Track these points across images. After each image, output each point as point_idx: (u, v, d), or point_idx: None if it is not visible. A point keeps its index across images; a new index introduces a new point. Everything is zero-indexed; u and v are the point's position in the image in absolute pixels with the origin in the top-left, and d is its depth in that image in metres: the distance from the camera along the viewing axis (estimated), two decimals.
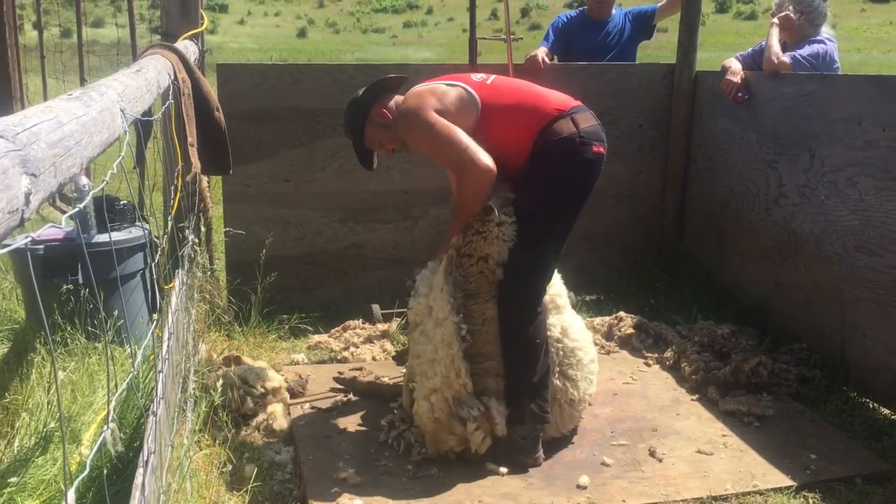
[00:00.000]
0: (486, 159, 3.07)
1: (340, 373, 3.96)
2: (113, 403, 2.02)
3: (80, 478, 1.16)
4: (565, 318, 3.46)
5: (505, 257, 3.19)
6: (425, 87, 3.35)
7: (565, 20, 5.54)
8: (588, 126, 3.22)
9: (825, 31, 4.58)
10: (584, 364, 3.42)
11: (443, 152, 3.22)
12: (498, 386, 3.25)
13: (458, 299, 3.19)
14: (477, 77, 3.38)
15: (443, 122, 3.16)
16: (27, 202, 0.93)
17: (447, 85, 3.31)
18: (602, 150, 3.24)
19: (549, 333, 3.32)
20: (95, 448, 1.19)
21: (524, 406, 3.21)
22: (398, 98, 3.42)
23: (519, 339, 3.21)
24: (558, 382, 3.33)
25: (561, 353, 3.37)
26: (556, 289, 3.49)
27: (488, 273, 3.22)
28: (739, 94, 4.59)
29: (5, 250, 0.90)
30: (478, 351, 3.23)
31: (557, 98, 3.31)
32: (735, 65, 4.70)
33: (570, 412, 3.39)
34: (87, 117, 1.34)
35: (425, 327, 3.25)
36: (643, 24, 5.48)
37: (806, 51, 4.44)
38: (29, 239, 0.98)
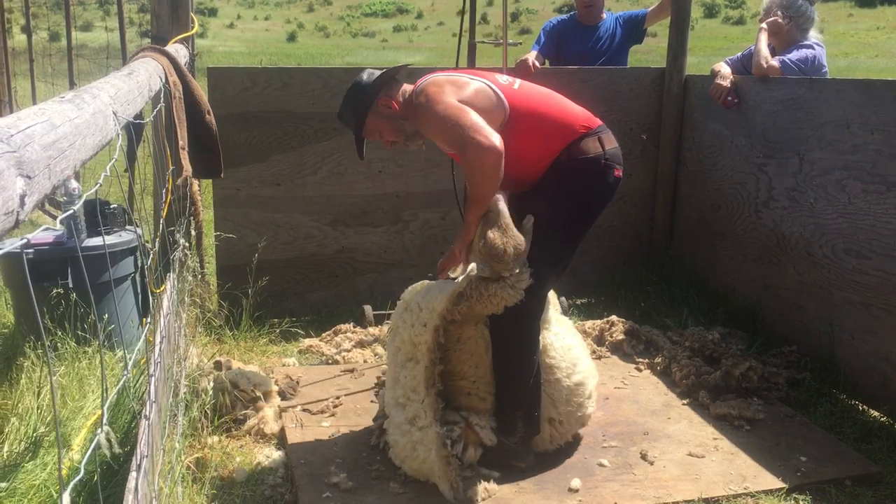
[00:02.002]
0: (491, 137, 2.85)
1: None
2: (105, 406, 2.00)
3: (74, 481, 1.15)
4: (545, 336, 3.31)
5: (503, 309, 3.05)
6: (445, 76, 3.16)
7: (556, 24, 5.56)
8: (612, 148, 3.16)
9: (813, 36, 4.61)
10: (562, 385, 3.28)
11: (449, 135, 2.97)
12: (470, 402, 3.20)
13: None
14: (503, 79, 3.22)
15: (453, 104, 2.96)
16: (22, 204, 0.92)
17: (469, 78, 3.15)
18: (621, 174, 3.18)
19: None
20: (90, 451, 1.19)
21: (516, 417, 3.18)
22: (405, 87, 3.21)
23: (512, 355, 3.13)
24: None
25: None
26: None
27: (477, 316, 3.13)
28: (729, 98, 4.62)
29: (1, 252, 0.90)
30: (451, 370, 3.16)
31: (583, 113, 3.21)
32: (724, 69, 4.73)
33: (549, 431, 3.29)
34: (81, 119, 1.34)
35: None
36: (634, 29, 5.50)
37: (795, 55, 4.47)
38: (25, 241, 0.97)
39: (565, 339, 3.37)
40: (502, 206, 2.99)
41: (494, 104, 3.07)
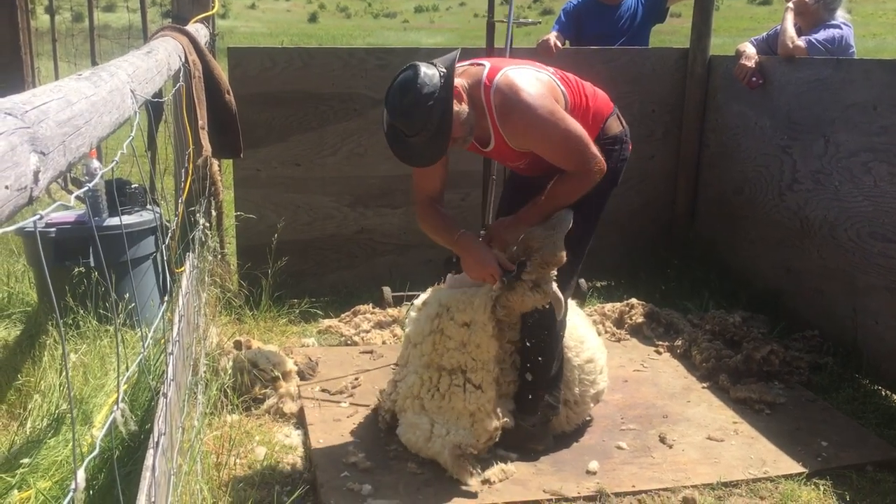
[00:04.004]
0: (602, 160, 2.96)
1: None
2: (123, 385, 2.02)
3: (90, 458, 1.16)
4: None
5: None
6: (524, 71, 3.00)
7: (577, 4, 5.49)
8: (625, 124, 3.24)
9: (841, 16, 4.53)
10: (573, 364, 3.30)
11: (566, 149, 2.93)
12: None
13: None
14: (550, 69, 3.16)
15: (570, 118, 2.93)
16: (36, 180, 0.92)
17: (536, 70, 3.06)
18: (631, 147, 3.28)
19: None
20: (105, 428, 1.19)
21: (539, 397, 3.18)
22: (460, 81, 2.96)
23: (545, 335, 3.13)
24: None
25: None
26: None
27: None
28: (754, 79, 4.55)
29: (13, 227, 0.90)
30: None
31: (605, 95, 3.24)
32: (750, 49, 4.66)
33: (566, 413, 3.31)
34: (97, 97, 1.33)
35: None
36: (656, 7, 5.42)
37: (821, 35, 4.39)
38: (38, 217, 0.97)
39: (571, 318, 3.37)
40: (570, 222, 3.01)
41: (560, 98, 3.04)
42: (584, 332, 3.45)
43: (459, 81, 2.94)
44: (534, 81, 2.95)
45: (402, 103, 2.80)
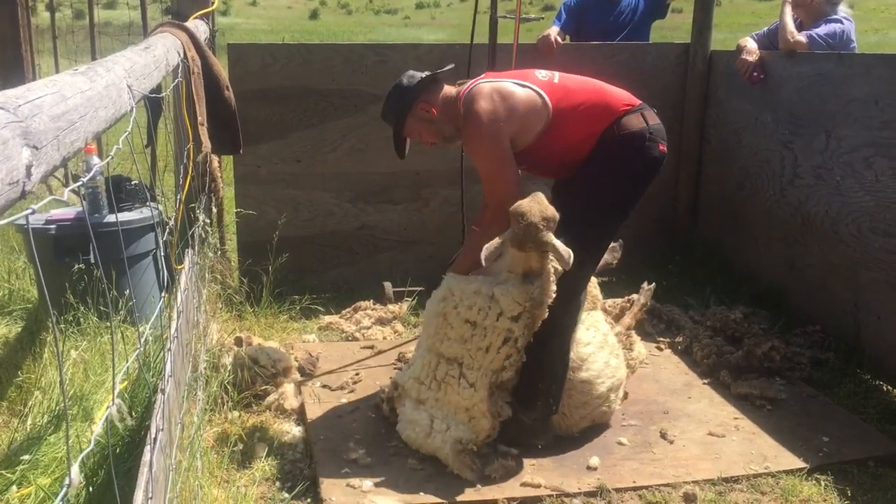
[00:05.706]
0: (513, 202, 2.98)
1: None
2: (124, 382, 2.02)
3: (84, 453, 1.15)
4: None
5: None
6: (494, 85, 3.17)
7: None
8: (655, 123, 3.18)
9: (843, 10, 4.51)
10: (570, 381, 3.25)
11: (489, 177, 3.16)
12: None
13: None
14: (542, 75, 3.23)
15: (504, 149, 3.07)
16: (28, 174, 0.92)
17: (515, 84, 3.16)
18: (666, 149, 3.18)
19: None
20: (100, 424, 1.19)
21: (538, 391, 3.17)
22: (448, 89, 3.25)
23: (549, 330, 3.08)
24: None
25: None
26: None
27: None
28: (755, 74, 4.53)
29: (4, 221, 0.89)
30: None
31: (623, 94, 3.23)
32: (751, 44, 4.64)
33: (555, 419, 3.27)
34: (93, 92, 1.33)
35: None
36: (656, 3, 5.41)
37: (823, 30, 4.38)
38: (30, 212, 0.97)
39: (582, 337, 3.31)
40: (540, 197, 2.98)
41: (539, 109, 3.12)
42: (589, 351, 3.32)
43: (444, 92, 3.25)
44: (491, 95, 3.11)
45: (383, 106, 3.29)
